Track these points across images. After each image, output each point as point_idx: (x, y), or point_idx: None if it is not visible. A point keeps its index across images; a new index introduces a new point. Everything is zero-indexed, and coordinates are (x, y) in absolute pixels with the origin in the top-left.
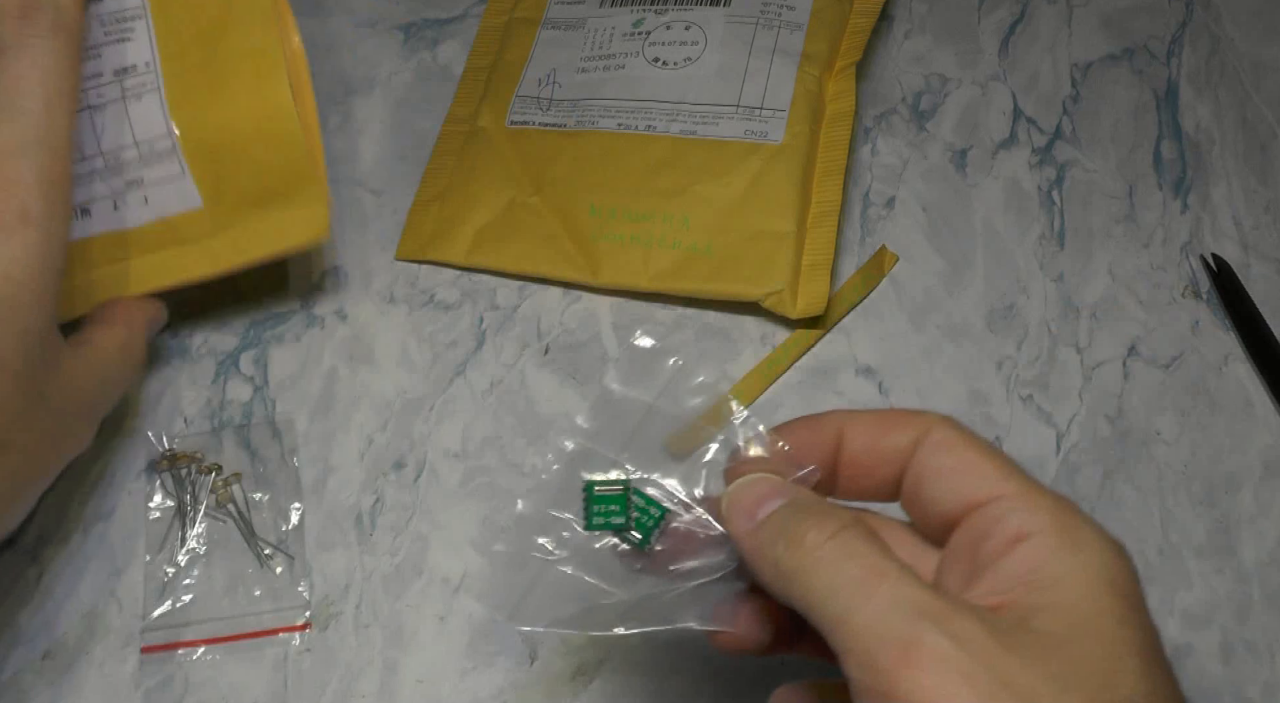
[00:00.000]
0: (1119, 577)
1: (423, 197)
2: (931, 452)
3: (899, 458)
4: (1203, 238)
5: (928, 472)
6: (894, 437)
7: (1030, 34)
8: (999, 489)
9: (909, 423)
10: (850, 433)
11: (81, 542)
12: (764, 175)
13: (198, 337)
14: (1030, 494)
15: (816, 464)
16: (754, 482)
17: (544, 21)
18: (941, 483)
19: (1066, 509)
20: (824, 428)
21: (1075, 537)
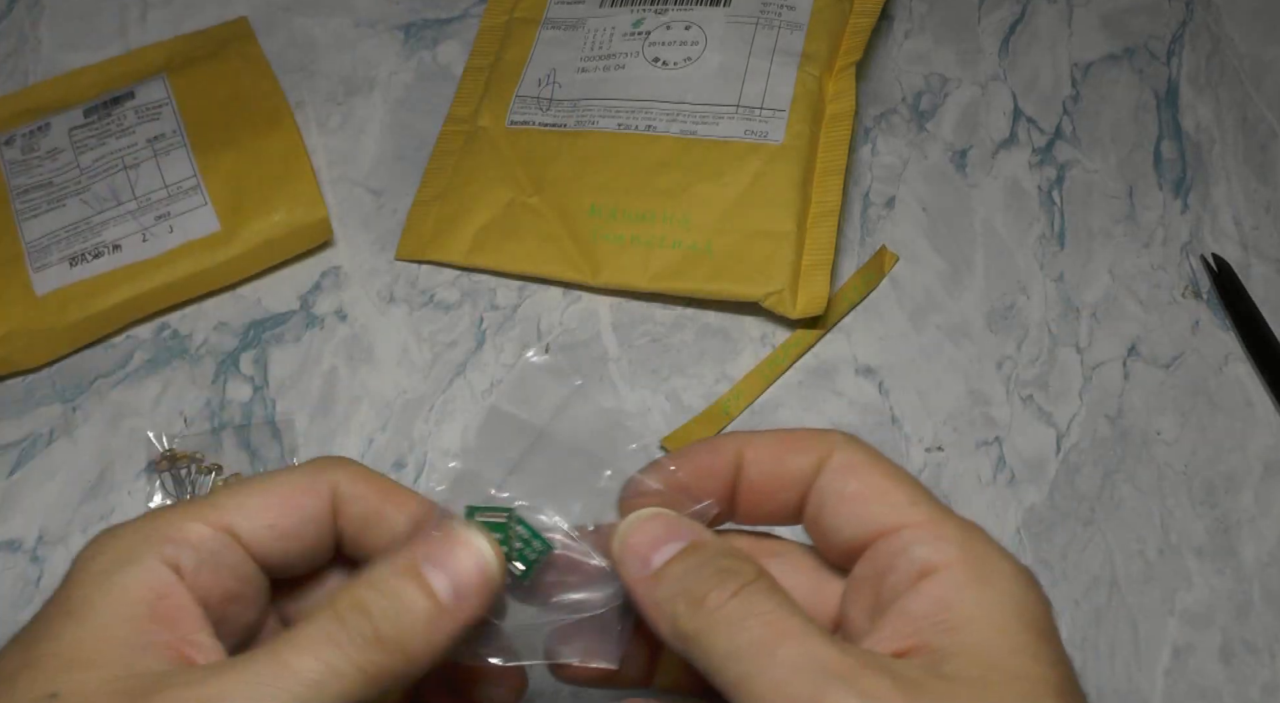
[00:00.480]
0: (1031, 610)
1: (423, 196)
2: (833, 476)
3: (800, 482)
4: (1203, 238)
5: (830, 498)
6: (794, 460)
7: (1030, 34)
8: (904, 517)
9: (810, 445)
10: (749, 457)
11: (81, 542)
12: (764, 175)
13: (198, 337)
14: (937, 523)
15: (715, 494)
16: (648, 520)
17: (544, 21)
18: (844, 510)
19: (975, 539)
20: (722, 453)
21: (984, 570)
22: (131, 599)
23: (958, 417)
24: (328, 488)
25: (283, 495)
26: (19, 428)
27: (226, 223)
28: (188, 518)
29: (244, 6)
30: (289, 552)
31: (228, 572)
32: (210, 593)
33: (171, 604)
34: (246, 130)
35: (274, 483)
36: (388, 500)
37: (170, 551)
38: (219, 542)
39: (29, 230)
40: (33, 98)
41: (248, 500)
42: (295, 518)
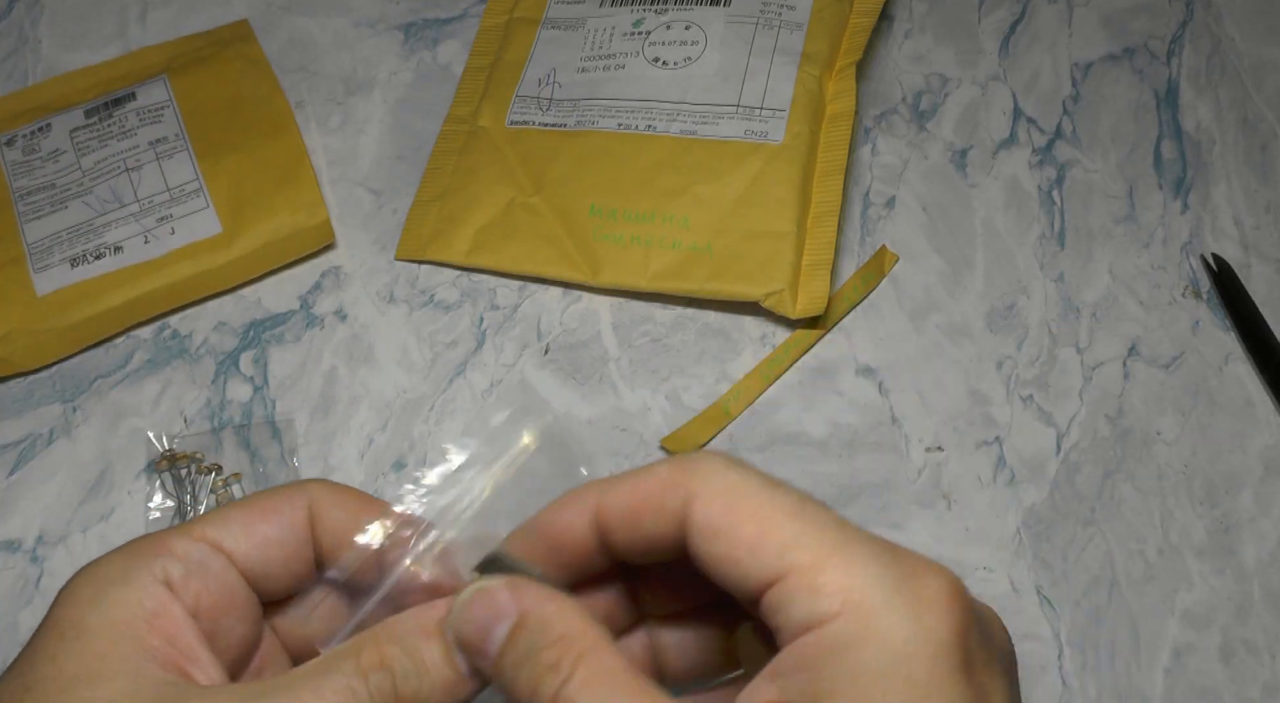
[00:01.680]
0: (908, 669)
1: (423, 197)
2: (700, 541)
3: (670, 541)
4: (1203, 238)
5: (708, 563)
6: (649, 525)
7: (1030, 34)
8: (781, 566)
9: (662, 504)
10: (605, 521)
11: (81, 542)
12: (764, 175)
13: (198, 337)
14: (819, 567)
15: (575, 558)
16: (471, 604)
17: (544, 21)
18: (722, 573)
19: (861, 582)
20: (575, 518)
21: (863, 625)
22: (127, 616)
23: (958, 417)
24: (304, 499)
25: (261, 506)
26: (19, 428)
27: (228, 225)
28: (172, 535)
29: (244, 7)
30: (270, 561)
31: (215, 582)
32: (200, 604)
33: (167, 619)
34: (248, 134)
35: (252, 499)
36: (362, 512)
37: (159, 566)
38: (203, 552)
39: (31, 232)
40: (33, 98)
41: (228, 514)
42: (274, 526)
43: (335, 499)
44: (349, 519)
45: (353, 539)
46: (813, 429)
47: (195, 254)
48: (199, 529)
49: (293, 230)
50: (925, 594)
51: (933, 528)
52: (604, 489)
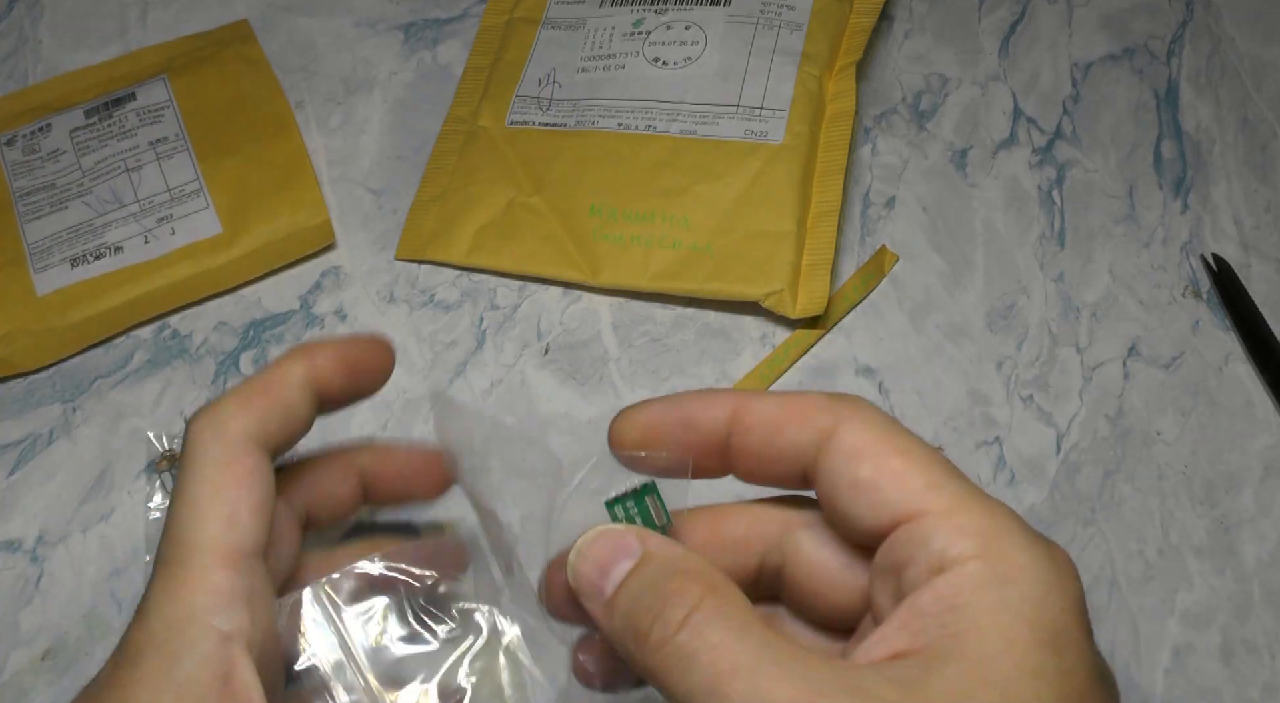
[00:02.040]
0: (1049, 616)
1: (423, 196)
2: (843, 460)
3: (799, 458)
4: (1203, 238)
5: (841, 483)
6: (793, 433)
7: (1030, 34)
8: (923, 504)
9: (812, 418)
10: (746, 421)
11: (81, 542)
12: (764, 175)
13: (198, 337)
14: (959, 511)
15: (700, 450)
16: (593, 542)
17: (544, 21)
18: (858, 497)
19: (998, 529)
20: (714, 407)
21: (1003, 568)
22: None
23: (958, 417)
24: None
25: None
26: (19, 428)
27: (228, 226)
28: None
29: (244, 7)
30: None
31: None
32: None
33: (236, 685)
34: (249, 134)
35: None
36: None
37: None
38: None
39: (31, 232)
40: (33, 98)
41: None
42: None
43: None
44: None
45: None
46: None
47: (195, 254)
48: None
49: (293, 231)
50: (1057, 556)
51: None
52: (749, 395)
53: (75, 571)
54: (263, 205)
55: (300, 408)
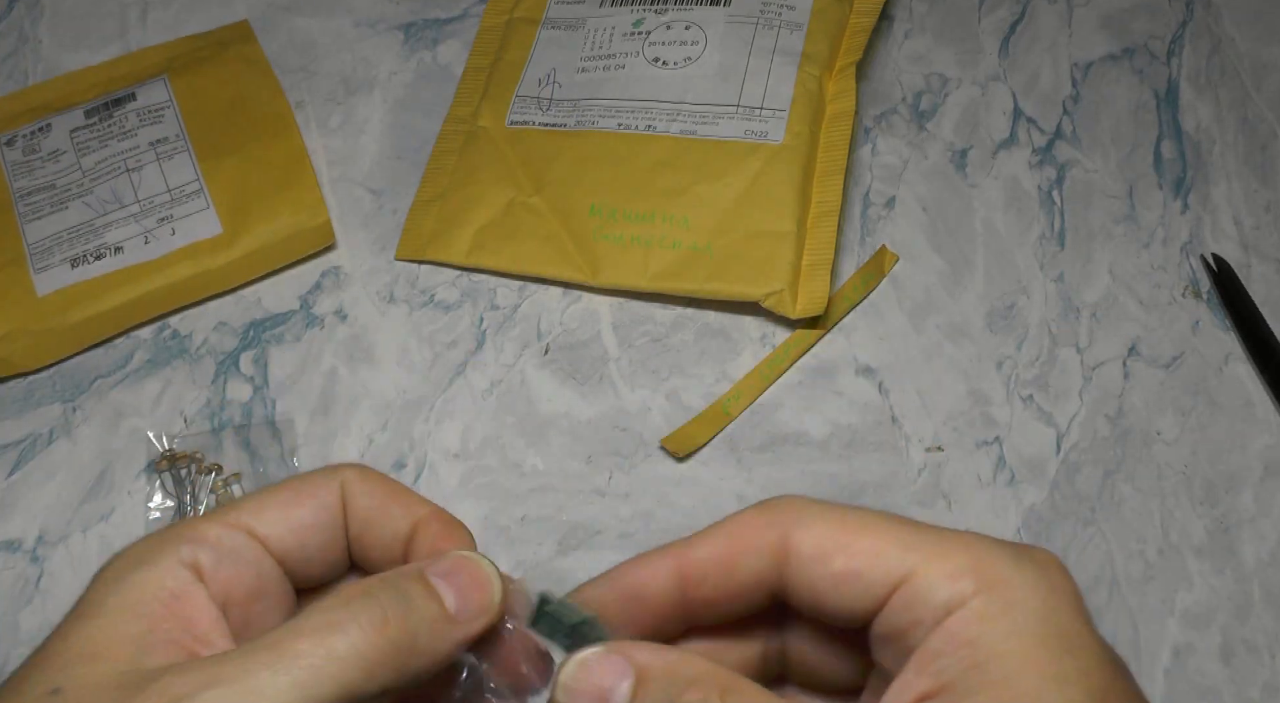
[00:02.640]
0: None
1: (423, 196)
2: (812, 565)
3: (761, 585)
4: (1203, 238)
5: (820, 586)
6: (746, 566)
7: (1030, 34)
8: (905, 567)
9: (757, 543)
10: (693, 575)
11: (81, 542)
12: (764, 175)
13: (198, 337)
14: (941, 559)
15: (651, 623)
16: (578, 674)
17: (544, 21)
18: (843, 592)
19: (985, 558)
20: (657, 572)
21: (1003, 595)
22: (144, 598)
23: (958, 417)
24: (338, 484)
25: (296, 491)
26: (19, 428)
27: (229, 226)
28: (205, 521)
29: (244, 7)
30: (306, 547)
31: (248, 568)
32: (232, 591)
33: (187, 604)
34: (249, 135)
35: (289, 482)
36: (391, 500)
37: (187, 551)
38: (236, 539)
39: (31, 232)
40: (33, 98)
41: (263, 499)
42: (310, 511)
43: (365, 487)
44: (376, 509)
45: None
46: (813, 429)
47: (196, 255)
48: (234, 515)
49: (293, 231)
50: (1042, 561)
51: None
52: (688, 544)
53: (75, 571)
54: (263, 206)
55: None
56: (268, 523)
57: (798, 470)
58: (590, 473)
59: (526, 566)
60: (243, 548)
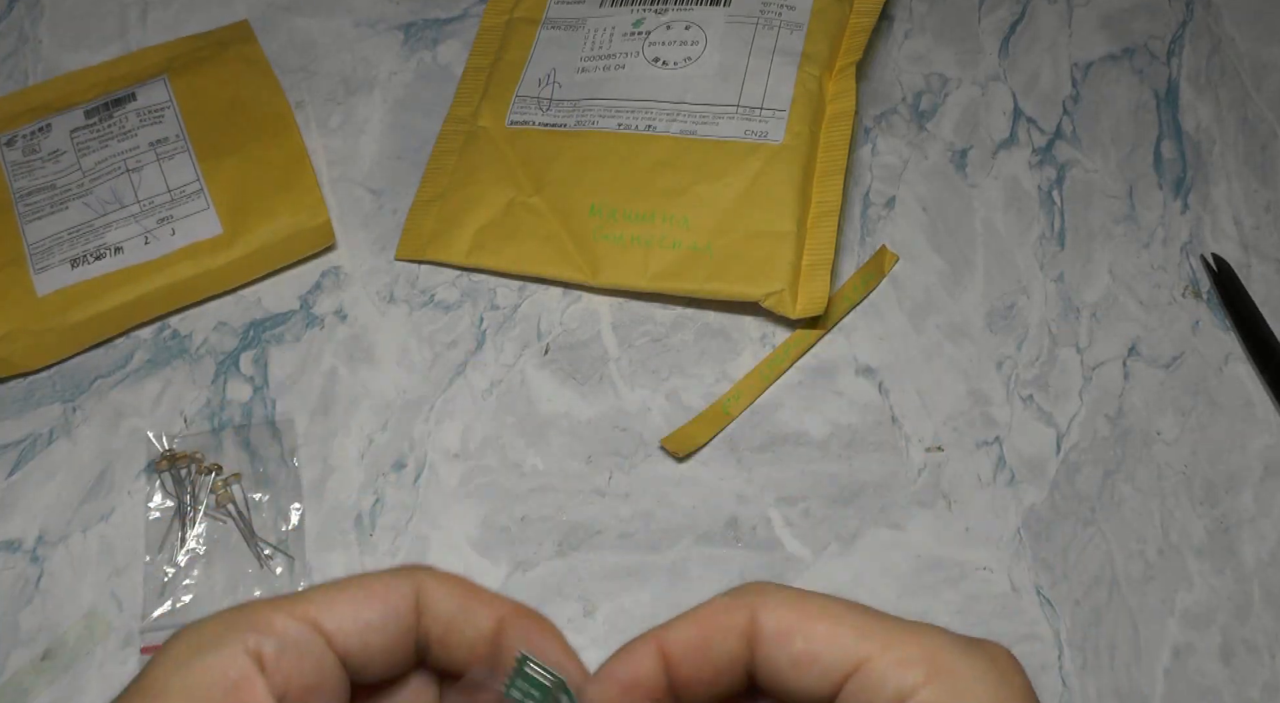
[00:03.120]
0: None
1: (423, 196)
2: (775, 645)
3: (735, 665)
4: (1203, 238)
5: (781, 665)
6: (718, 647)
7: (1030, 34)
8: (859, 653)
9: (728, 625)
10: (672, 657)
11: (81, 542)
12: (764, 175)
13: (198, 337)
14: (895, 646)
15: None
16: None
17: (544, 21)
18: (802, 673)
19: (937, 650)
20: (643, 662)
21: (952, 684)
22: (207, 683)
23: (958, 417)
24: (412, 586)
25: (368, 589)
26: (19, 428)
27: (229, 227)
28: (273, 609)
29: (244, 7)
30: (371, 647)
31: (310, 664)
32: (291, 683)
33: (246, 693)
34: (249, 135)
35: (360, 579)
36: (472, 599)
37: (253, 639)
38: (303, 633)
39: (31, 233)
40: (33, 98)
41: (334, 594)
42: (379, 612)
43: (444, 589)
44: (456, 610)
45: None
46: (813, 429)
47: (196, 255)
48: (303, 607)
49: (293, 232)
50: (993, 653)
51: (933, 528)
52: (665, 629)
53: (75, 571)
54: (263, 206)
55: None
56: (335, 619)
57: (798, 471)
58: (590, 473)
59: (526, 566)
60: (307, 642)
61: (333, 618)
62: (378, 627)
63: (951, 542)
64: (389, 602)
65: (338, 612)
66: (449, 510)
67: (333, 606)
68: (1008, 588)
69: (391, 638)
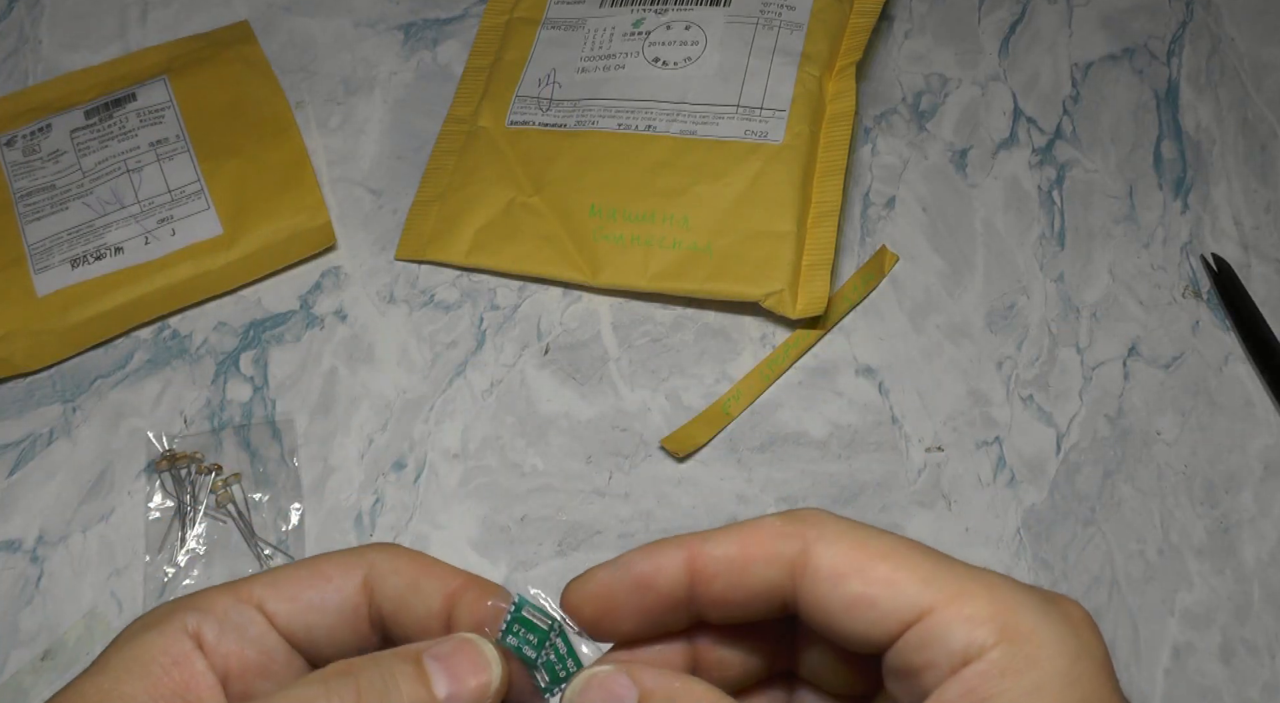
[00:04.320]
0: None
1: (423, 196)
2: (828, 585)
3: (774, 596)
4: (1203, 238)
5: (833, 608)
6: (759, 573)
7: (1030, 34)
8: (924, 602)
9: (775, 552)
10: (704, 571)
11: (81, 542)
12: (764, 175)
13: (198, 337)
14: (963, 599)
15: (660, 611)
16: (584, 692)
17: (544, 21)
18: (856, 617)
19: (1011, 607)
20: (667, 562)
21: (1025, 651)
22: (146, 659)
23: (958, 417)
24: (362, 565)
25: (316, 571)
26: (19, 428)
27: (229, 227)
28: (218, 592)
29: (244, 7)
30: (316, 627)
31: (251, 644)
32: (231, 664)
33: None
34: (250, 136)
35: (312, 561)
36: (423, 576)
37: (193, 620)
38: (244, 614)
39: (32, 233)
40: (33, 98)
41: (280, 577)
42: (323, 593)
43: (393, 565)
44: (406, 588)
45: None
46: (813, 429)
47: (196, 255)
48: (248, 589)
49: (294, 232)
50: (1073, 617)
51: (933, 528)
52: (704, 539)
53: (75, 571)
54: (263, 207)
55: None
56: (279, 600)
57: (798, 470)
58: (590, 473)
59: (526, 566)
60: (247, 623)
61: (275, 600)
62: (319, 607)
63: (951, 542)
64: (334, 582)
65: (281, 593)
66: (449, 510)
67: (276, 587)
68: None
69: (338, 619)
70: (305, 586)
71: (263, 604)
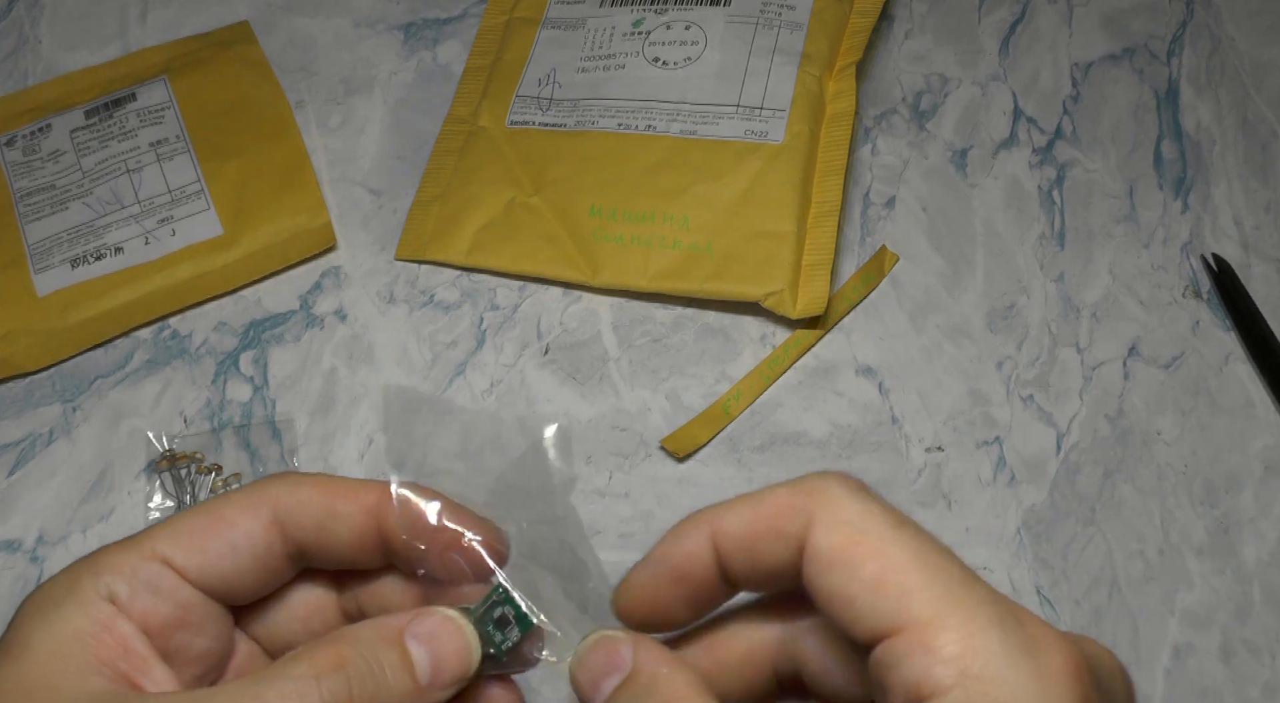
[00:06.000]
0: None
1: (423, 196)
2: (820, 572)
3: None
4: (1203, 238)
5: (822, 596)
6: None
7: (1030, 34)
8: (898, 619)
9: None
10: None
11: (81, 542)
12: (764, 175)
13: (198, 337)
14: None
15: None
16: (590, 651)
17: (544, 21)
18: (841, 611)
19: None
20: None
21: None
22: (71, 633)
23: (958, 417)
24: (267, 505)
25: (217, 517)
26: (19, 428)
27: (229, 227)
28: (120, 551)
29: (244, 7)
30: (229, 574)
31: (165, 600)
32: (149, 621)
33: (114, 633)
34: (250, 136)
35: (207, 507)
36: (335, 499)
37: (105, 583)
38: (151, 570)
39: (32, 233)
40: (33, 98)
41: (178, 526)
42: (229, 540)
43: (299, 497)
44: (321, 514)
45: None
46: (813, 429)
47: (196, 256)
48: (149, 544)
49: (294, 233)
50: (1049, 668)
51: (933, 528)
52: (719, 513)
53: None
54: (264, 207)
55: None
56: (187, 553)
57: (798, 470)
58: (590, 473)
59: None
60: (158, 579)
61: (182, 554)
62: (229, 554)
63: (952, 542)
64: (240, 527)
65: (184, 546)
66: None
67: (178, 541)
68: (1008, 588)
69: (250, 561)
70: (210, 535)
71: (170, 560)
